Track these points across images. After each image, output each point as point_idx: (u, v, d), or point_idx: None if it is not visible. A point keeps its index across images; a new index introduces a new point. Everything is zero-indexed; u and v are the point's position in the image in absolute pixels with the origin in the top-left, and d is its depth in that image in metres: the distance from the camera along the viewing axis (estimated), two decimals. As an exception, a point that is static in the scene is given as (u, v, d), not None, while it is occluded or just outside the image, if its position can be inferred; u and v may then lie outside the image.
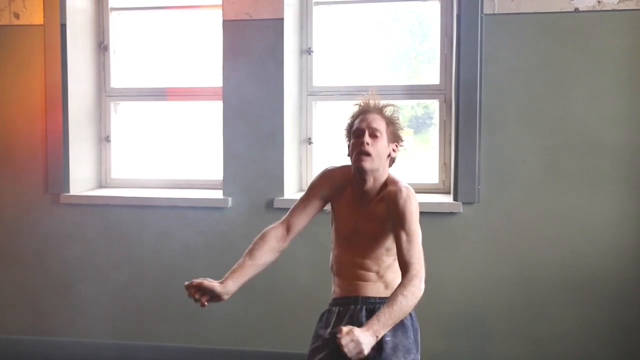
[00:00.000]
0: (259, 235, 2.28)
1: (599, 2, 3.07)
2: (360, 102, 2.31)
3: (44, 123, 3.58)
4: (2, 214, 3.66)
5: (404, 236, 2.14)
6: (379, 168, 2.23)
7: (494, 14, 3.15)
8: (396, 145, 2.29)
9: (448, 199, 3.28)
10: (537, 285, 3.17)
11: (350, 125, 2.30)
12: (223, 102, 3.44)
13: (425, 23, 3.58)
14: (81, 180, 3.67)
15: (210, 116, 3.69)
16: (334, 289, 2.36)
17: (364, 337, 1.88)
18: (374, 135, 2.22)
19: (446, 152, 3.39)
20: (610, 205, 3.11)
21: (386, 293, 2.23)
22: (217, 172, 3.57)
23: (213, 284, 2.13)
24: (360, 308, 2.25)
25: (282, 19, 3.34)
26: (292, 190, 3.48)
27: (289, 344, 3.33)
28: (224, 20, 3.40)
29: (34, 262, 3.63)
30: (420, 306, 3.28)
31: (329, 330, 2.27)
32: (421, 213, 2.23)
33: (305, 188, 2.52)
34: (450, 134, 3.33)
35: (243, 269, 2.20)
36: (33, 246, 3.63)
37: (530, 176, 3.16)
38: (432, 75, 3.48)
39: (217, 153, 3.52)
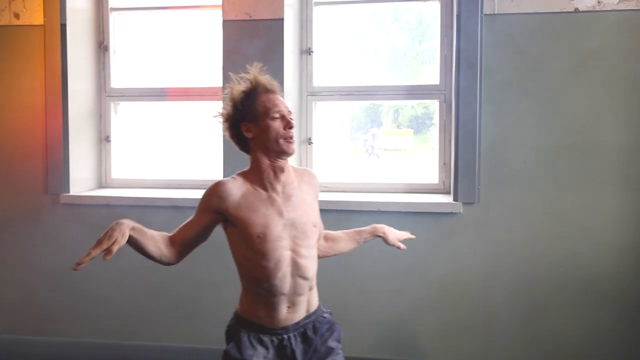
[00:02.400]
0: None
1: (599, 2, 3.07)
2: (252, 77, 2.13)
3: (44, 123, 3.58)
4: (2, 214, 3.66)
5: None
6: None
7: (494, 14, 3.15)
8: None
9: (448, 199, 3.28)
10: (537, 285, 3.17)
11: (250, 105, 2.10)
12: (223, 103, 3.43)
13: (425, 23, 3.58)
14: (81, 181, 3.67)
15: (210, 116, 3.68)
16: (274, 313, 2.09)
17: None
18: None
19: (446, 152, 3.39)
20: (610, 205, 3.11)
21: (314, 301, 2.12)
22: (217, 172, 3.56)
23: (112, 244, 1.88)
24: (295, 336, 2.09)
25: (282, 19, 3.33)
26: (292, 190, 3.47)
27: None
28: (224, 20, 3.40)
29: (34, 262, 3.63)
30: (420, 306, 3.29)
31: None
32: (421, 213, 2.19)
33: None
34: (450, 134, 3.33)
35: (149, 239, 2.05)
36: (33, 246, 3.63)
37: (530, 176, 3.16)
38: (432, 76, 3.48)
39: (217, 153, 3.52)
